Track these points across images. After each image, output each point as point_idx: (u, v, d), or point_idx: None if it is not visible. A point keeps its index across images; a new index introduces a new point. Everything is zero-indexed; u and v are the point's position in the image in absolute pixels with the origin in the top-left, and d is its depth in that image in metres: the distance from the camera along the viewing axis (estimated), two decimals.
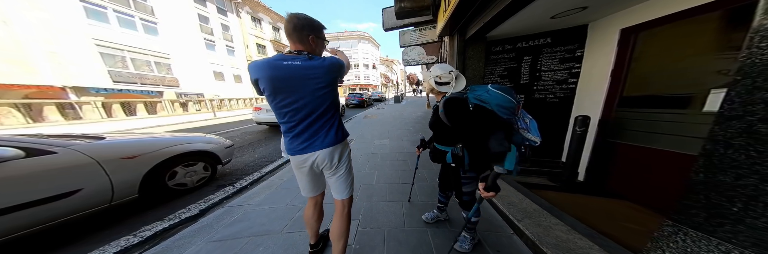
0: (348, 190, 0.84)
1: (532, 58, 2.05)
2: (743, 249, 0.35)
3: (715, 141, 0.38)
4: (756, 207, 0.34)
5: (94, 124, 6.10)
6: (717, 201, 0.38)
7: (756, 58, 0.35)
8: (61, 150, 1.15)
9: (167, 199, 1.61)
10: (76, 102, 6.81)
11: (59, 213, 1.10)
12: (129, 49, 8.54)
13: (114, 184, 1.27)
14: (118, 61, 8.33)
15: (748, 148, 0.35)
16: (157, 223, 1.26)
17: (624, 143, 1.48)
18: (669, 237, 0.45)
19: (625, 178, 1.47)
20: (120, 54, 8.36)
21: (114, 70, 8.15)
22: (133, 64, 8.78)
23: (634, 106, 1.44)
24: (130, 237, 1.13)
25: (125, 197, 1.35)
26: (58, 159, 1.12)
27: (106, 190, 1.25)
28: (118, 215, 1.39)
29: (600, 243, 0.88)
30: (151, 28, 9.33)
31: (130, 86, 8.72)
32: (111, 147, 1.37)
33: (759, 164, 0.34)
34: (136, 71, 8.84)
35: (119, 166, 1.31)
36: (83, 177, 1.17)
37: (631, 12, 1.40)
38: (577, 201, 1.43)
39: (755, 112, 0.35)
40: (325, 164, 0.76)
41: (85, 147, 1.24)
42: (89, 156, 1.21)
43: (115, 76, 8.18)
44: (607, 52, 1.58)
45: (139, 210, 1.46)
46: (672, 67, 1.25)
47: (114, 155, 1.31)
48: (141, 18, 8.94)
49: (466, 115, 0.71)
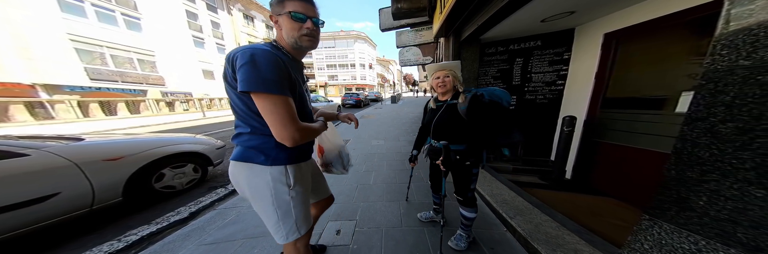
0: (279, 232, 0.55)
1: (523, 60, 2.12)
2: (709, 240, 0.38)
3: (684, 141, 0.42)
4: (718, 201, 0.38)
5: (69, 125, 5.72)
6: (686, 195, 0.42)
7: (718, 64, 0.38)
8: (34, 153, 1.08)
9: (155, 202, 1.55)
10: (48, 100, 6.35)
11: (35, 218, 1.04)
12: (109, 46, 8.05)
13: (95, 187, 1.20)
14: (96, 57, 7.82)
15: (711, 147, 0.39)
16: (144, 227, 1.21)
17: (607, 142, 1.57)
18: (646, 230, 0.48)
19: (609, 176, 1.56)
20: (98, 50, 7.86)
21: (91, 67, 7.65)
22: (114, 60, 8.28)
23: (616, 107, 1.53)
24: (114, 242, 1.08)
25: (108, 201, 1.28)
26: (31, 162, 1.05)
27: (86, 194, 1.19)
28: (102, 219, 1.32)
29: (586, 238, 0.93)
30: (133, 23, 8.84)
31: (110, 84, 8.22)
32: (91, 149, 1.30)
33: (720, 161, 0.38)
34: (116, 68, 8.34)
35: (100, 169, 1.24)
36: (60, 181, 1.11)
37: (614, 17, 1.48)
38: (565, 199, 1.49)
39: (717, 114, 0.38)
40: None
41: (61, 149, 1.17)
42: (66, 158, 1.14)
43: (93, 74, 7.69)
44: (591, 55, 1.67)
45: (124, 214, 1.40)
46: (649, 71, 1.33)
47: (94, 157, 1.25)
48: (122, 13, 8.45)
49: (497, 111, 0.81)
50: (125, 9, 8.52)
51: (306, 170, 0.61)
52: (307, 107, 0.58)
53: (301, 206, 0.56)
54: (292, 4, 0.46)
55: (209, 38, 12.52)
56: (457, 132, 0.85)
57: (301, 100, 0.54)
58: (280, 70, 0.44)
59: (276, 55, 0.44)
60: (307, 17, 0.48)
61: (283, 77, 0.44)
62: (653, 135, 1.28)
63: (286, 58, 0.50)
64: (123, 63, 8.57)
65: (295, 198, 0.55)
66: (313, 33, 0.50)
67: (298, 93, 0.52)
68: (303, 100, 0.55)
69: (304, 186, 0.58)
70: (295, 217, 0.55)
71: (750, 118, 0.35)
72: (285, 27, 0.48)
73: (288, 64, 0.48)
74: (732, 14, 0.37)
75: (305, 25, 0.48)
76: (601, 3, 1.34)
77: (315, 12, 0.50)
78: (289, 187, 0.54)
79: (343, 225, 1.18)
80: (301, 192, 0.57)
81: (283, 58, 0.47)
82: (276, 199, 0.53)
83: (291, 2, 0.46)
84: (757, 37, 0.35)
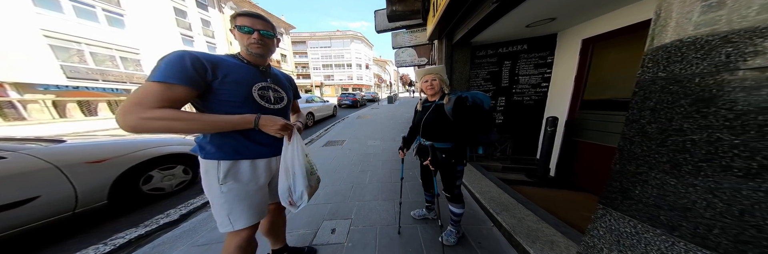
0: (217, 221, 0.60)
1: (511, 63, 2.23)
2: (643, 223, 0.46)
3: (625, 139, 0.50)
4: (647, 189, 0.45)
5: (44, 126, 5.37)
6: (626, 186, 0.49)
7: (645, 75, 0.46)
8: (11, 155, 1.05)
9: (143, 205, 1.52)
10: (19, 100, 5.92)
11: (13, 222, 1.00)
12: (88, 42, 7.58)
13: (78, 191, 1.17)
14: (73, 54, 7.35)
15: (641, 144, 0.46)
16: (131, 230, 1.19)
17: (584, 141, 1.69)
18: (601, 218, 0.56)
19: (586, 173, 1.68)
20: (76, 47, 7.38)
21: (68, 65, 7.16)
22: (94, 58, 7.80)
23: (591, 108, 1.65)
24: (100, 245, 1.06)
25: (92, 204, 1.25)
26: (9, 165, 1.02)
27: (69, 197, 1.15)
28: (86, 223, 1.29)
29: (562, 230, 1.01)
30: (116, 20, 8.40)
31: (90, 83, 7.76)
32: (73, 151, 1.26)
33: (648, 156, 0.45)
34: (96, 67, 7.87)
35: (84, 171, 1.21)
36: (39, 184, 1.07)
37: (591, 24, 1.60)
38: (547, 195, 1.59)
39: (645, 117, 0.46)
40: None
41: (40, 151, 1.13)
42: (46, 160, 1.10)
43: (70, 72, 7.20)
44: (571, 59, 1.79)
45: (110, 217, 1.36)
46: (620, 75, 1.46)
47: (77, 159, 1.21)
48: (104, 9, 8.01)
49: (479, 112, 0.88)
50: (106, 4, 8.10)
51: (253, 168, 0.61)
52: (251, 109, 0.59)
53: (236, 202, 0.59)
54: (240, 19, 0.57)
55: (199, 36, 12.10)
56: (443, 131, 0.91)
57: (243, 100, 0.58)
58: (179, 65, 0.48)
59: (188, 54, 0.50)
60: (254, 30, 0.58)
61: (178, 70, 0.48)
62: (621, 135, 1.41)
63: (235, 61, 0.59)
64: (104, 61, 8.12)
65: (227, 193, 0.58)
66: (259, 42, 0.59)
67: (243, 93, 0.58)
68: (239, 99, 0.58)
69: (241, 183, 0.59)
70: (227, 211, 0.59)
71: (665, 120, 0.43)
72: (237, 38, 0.59)
73: (229, 65, 0.56)
74: (656, 33, 0.45)
75: (252, 36, 0.58)
76: (579, 10, 1.45)
77: (263, 25, 0.59)
78: (218, 182, 0.58)
79: (338, 224, 1.21)
80: (236, 188, 0.59)
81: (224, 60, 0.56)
82: (209, 192, 0.59)
83: (240, 18, 0.57)
84: (670, 53, 0.42)
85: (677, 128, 0.41)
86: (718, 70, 0.36)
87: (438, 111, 0.91)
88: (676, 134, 0.41)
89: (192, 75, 0.49)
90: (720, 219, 0.36)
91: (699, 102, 0.38)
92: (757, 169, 0.33)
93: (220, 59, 0.56)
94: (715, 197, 0.36)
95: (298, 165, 0.64)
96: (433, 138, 0.94)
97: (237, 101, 0.57)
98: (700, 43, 0.38)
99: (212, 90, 0.54)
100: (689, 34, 0.40)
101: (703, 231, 0.38)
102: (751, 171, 0.33)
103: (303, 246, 1.01)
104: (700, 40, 0.38)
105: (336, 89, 28.40)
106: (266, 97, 0.63)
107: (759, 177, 0.32)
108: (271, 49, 0.63)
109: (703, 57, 0.38)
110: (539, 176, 1.95)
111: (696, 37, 0.39)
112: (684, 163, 0.40)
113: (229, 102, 0.56)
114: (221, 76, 0.54)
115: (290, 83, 0.78)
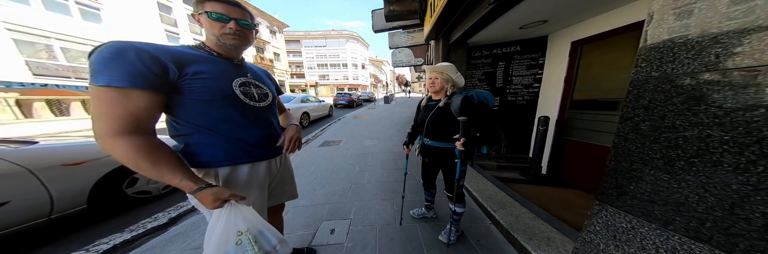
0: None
1: (505, 64, 2.29)
2: (638, 218, 0.48)
3: (619, 136, 0.52)
4: (641, 185, 0.47)
5: (6, 126, 4.95)
6: (621, 182, 0.51)
7: (639, 74, 0.48)
8: None
9: (128, 209, 1.43)
10: None
11: None
12: (59, 37, 6.96)
13: (53, 195, 1.09)
14: (40, 49, 6.71)
15: (635, 141, 0.48)
16: (116, 235, 1.12)
17: (573, 140, 1.75)
18: (597, 214, 0.58)
19: (575, 170, 1.74)
20: (44, 42, 6.76)
21: (35, 61, 6.55)
22: (65, 54, 7.18)
23: (580, 108, 1.72)
24: (82, 251, 0.99)
25: (70, 209, 1.17)
26: None
27: (43, 202, 1.07)
28: (66, 229, 1.20)
29: (558, 227, 1.04)
30: (91, 13, 7.83)
31: (61, 81, 7.14)
32: (46, 153, 1.18)
33: (641, 153, 0.47)
34: (68, 63, 7.23)
35: (59, 174, 1.13)
36: (10, 188, 0.99)
37: (579, 27, 1.67)
38: (541, 192, 1.64)
39: (639, 114, 0.48)
40: None
41: (9, 154, 1.05)
42: (16, 163, 1.02)
43: (37, 68, 6.56)
44: (561, 60, 1.85)
45: (93, 222, 1.28)
46: (605, 76, 1.52)
47: (51, 162, 1.13)
48: (77, 2, 7.42)
49: (485, 111, 0.87)
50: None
51: (253, 171, 0.57)
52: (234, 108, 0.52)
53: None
54: (210, 5, 0.47)
55: (185, 33, 11.59)
56: (447, 130, 0.89)
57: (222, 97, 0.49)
58: (120, 61, 0.38)
59: (129, 46, 0.39)
60: (231, 18, 0.49)
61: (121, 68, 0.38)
62: (609, 133, 1.47)
63: (200, 54, 0.49)
64: (78, 57, 7.53)
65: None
66: (237, 33, 0.50)
67: (222, 90, 0.49)
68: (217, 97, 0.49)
69: (242, 189, 0.54)
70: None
71: (658, 117, 0.44)
72: (205, 25, 0.49)
73: (195, 58, 0.47)
74: (649, 34, 0.47)
75: (228, 25, 0.49)
76: (568, 13, 1.51)
77: (240, 14, 0.50)
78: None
79: (338, 224, 1.20)
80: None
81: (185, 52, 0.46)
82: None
83: (209, 3, 0.47)
84: (662, 54, 0.44)
85: (670, 125, 0.42)
86: (708, 69, 0.38)
87: (443, 110, 0.89)
88: (668, 131, 0.42)
89: (144, 73, 0.39)
90: (712, 212, 0.37)
91: (690, 100, 0.40)
92: (745, 164, 0.34)
93: (180, 51, 0.45)
94: (706, 191, 0.38)
95: (216, 246, 0.45)
96: (436, 138, 0.93)
97: (214, 100, 0.48)
98: (691, 44, 0.40)
99: (179, 90, 0.44)
100: (680, 35, 0.41)
101: (696, 224, 0.39)
102: (740, 165, 0.35)
103: (302, 247, 0.99)
104: (691, 41, 0.40)
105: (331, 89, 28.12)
106: (250, 94, 0.54)
107: (747, 172, 0.34)
108: (250, 41, 0.54)
109: (693, 57, 0.40)
110: (532, 174, 2.00)
111: (687, 38, 0.41)
112: (676, 159, 0.41)
113: (205, 102, 0.47)
114: (190, 73, 0.44)
115: (269, 78, 0.69)
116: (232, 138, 0.53)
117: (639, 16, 1.19)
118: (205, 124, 0.49)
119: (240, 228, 0.47)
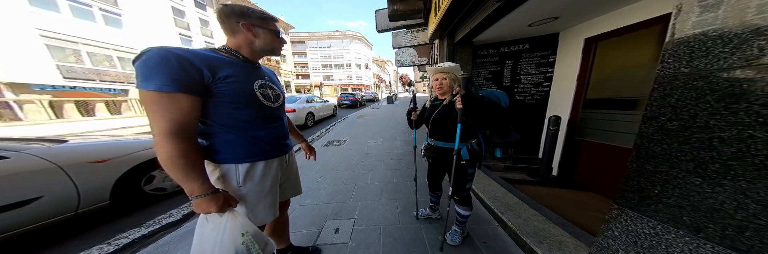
0: None
1: (513, 63, 2.22)
2: (663, 224, 0.44)
3: (642, 137, 0.48)
4: (668, 189, 0.44)
5: (41, 126, 5.32)
6: (644, 185, 0.48)
7: (666, 71, 0.45)
8: (14, 155, 1.03)
9: (145, 205, 1.49)
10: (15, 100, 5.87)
11: (15, 222, 0.99)
12: (85, 42, 7.51)
13: (80, 191, 1.16)
14: (70, 54, 7.27)
15: (661, 142, 0.45)
16: (134, 230, 1.17)
17: (587, 140, 1.68)
18: (616, 218, 0.54)
19: (589, 172, 1.67)
20: (73, 47, 7.32)
21: (65, 65, 7.09)
22: (91, 58, 7.74)
23: (595, 107, 1.64)
24: (104, 245, 1.04)
25: (94, 204, 1.23)
26: (12, 165, 1.00)
27: (71, 197, 1.14)
28: (89, 223, 1.26)
29: (570, 230, 1.00)
30: (113, 19, 8.33)
31: (87, 83, 7.68)
32: (76, 151, 1.25)
33: (668, 154, 0.44)
34: (93, 67, 7.79)
35: (86, 171, 1.20)
36: (43, 184, 1.06)
37: (594, 23, 1.59)
38: (551, 194, 1.58)
39: (665, 114, 0.44)
40: None
41: (43, 151, 1.12)
42: (49, 160, 1.09)
43: (67, 72, 7.13)
44: (573, 58, 1.78)
45: (112, 217, 1.34)
46: (623, 74, 1.45)
47: (79, 159, 1.20)
48: (101, 8, 7.93)
49: (496, 110, 0.83)
50: (103, 4, 8.02)
51: (268, 167, 0.61)
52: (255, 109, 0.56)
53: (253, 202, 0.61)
54: (273, 25, 0.59)
55: (197, 36, 12.03)
56: (452, 129, 0.86)
57: (246, 100, 0.54)
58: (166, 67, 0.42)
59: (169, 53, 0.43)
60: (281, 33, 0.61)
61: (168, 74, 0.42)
62: (626, 134, 1.39)
63: (226, 58, 0.53)
64: (101, 60, 8.04)
65: (247, 195, 0.58)
66: (283, 45, 0.63)
67: (246, 93, 0.54)
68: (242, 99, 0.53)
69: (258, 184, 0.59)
70: (245, 212, 0.59)
71: (688, 117, 0.41)
72: (262, 37, 0.57)
73: (223, 62, 0.50)
74: (676, 27, 0.43)
75: (281, 40, 0.61)
76: (582, 10, 1.44)
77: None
78: (238, 185, 0.58)
79: (342, 223, 1.20)
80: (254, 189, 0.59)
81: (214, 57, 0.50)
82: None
83: (273, 23, 0.58)
84: (693, 48, 0.41)
85: (703, 125, 0.39)
86: (750, 64, 0.34)
87: (448, 108, 0.87)
88: (701, 131, 0.39)
89: (186, 78, 0.43)
90: (753, 220, 0.34)
91: (727, 97, 0.36)
92: None
93: (210, 56, 0.48)
94: (746, 197, 0.35)
95: (219, 250, 0.47)
96: (441, 138, 0.91)
97: (240, 102, 0.53)
98: (728, 37, 0.37)
99: (212, 93, 0.48)
100: (714, 28, 0.38)
101: (733, 233, 0.36)
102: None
103: (307, 246, 1.00)
104: (728, 34, 0.37)
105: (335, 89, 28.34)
106: (267, 95, 0.59)
107: None
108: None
109: (731, 51, 0.36)
110: (542, 175, 1.94)
111: (723, 31, 0.37)
112: (710, 162, 0.38)
113: (232, 103, 0.51)
114: (222, 76, 0.48)
115: (277, 79, 0.75)
116: (252, 136, 0.57)
117: (661, 9, 1.12)
118: (230, 123, 0.53)
119: (242, 230, 0.51)
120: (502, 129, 0.86)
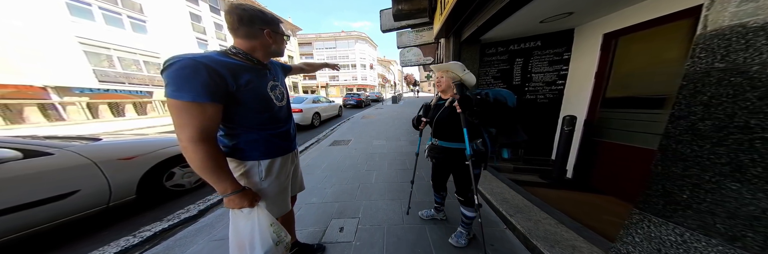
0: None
1: (523, 61, 2.13)
2: (693, 231, 0.41)
3: (669, 138, 0.44)
4: (698, 194, 0.40)
5: (80, 126, 5.85)
6: (671, 189, 0.44)
7: (697, 66, 0.41)
8: (58, 152, 1.14)
9: (165, 200, 1.59)
10: (60, 102, 6.51)
11: (57, 214, 1.09)
12: (116, 48, 8.19)
13: (112, 185, 1.26)
14: (104, 59, 7.97)
15: (691, 143, 0.41)
16: (157, 224, 1.25)
17: (606, 141, 1.58)
18: (637, 224, 0.51)
19: (608, 174, 1.56)
20: (106, 53, 8.01)
21: (100, 70, 7.79)
22: (121, 63, 8.43)
23: (615, 106, 1.54)
24: (130, 237, 1.13)
25: (123, 198, 1.33)
26: (56, 161, 1.11)
27: (104, 191, 1.24)
28: (116, 216, 1.37)
29: (584, 235, 0.95)
30: (139, 26, 8.99)
31: (118, 86, 8.37)
32: (108, 149, 1.36)
33: (699, 156, 0.40)
34: (123, 70, 8.48)
35: (117, 167, 1.30)
36: (81, 179, 1.16)
37: (613, 18, 1.49)
38: (564, 197, 1.51)
39: (696, 113, 0.41)
40: None
41: (81, 149, 1.23)
42: (86, 157, 1.20)
43: (101, 76, 7.83)
44: (591, 55, 1.68)
45: (136, 211, 1.44)
46: (648, 70, 1.34)
47: (111, 156, 1.30)
48: (129, 16, 8.61)
49: (502, 110, 0.81)
50: (131, 12, 8.68)
51: (284, 163, 0.66)
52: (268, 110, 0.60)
53: (272, 195, 0.65)
54: (283, 28, 0.62)
55: (213, 40, 12.70)
56: (456, 130, 0.86)
57: (262, 103, 0.58)
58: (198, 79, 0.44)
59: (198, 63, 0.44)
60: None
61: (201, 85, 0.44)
62: (650, 134, 1.29)
63: (240, 63, 0.54)
64: (130, 65, 8.73)
65: (267, 188, 0.63)
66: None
67: (261, 96, 0.57)
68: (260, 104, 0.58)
69: (277, 178, 0.64)
70: (265, 205, 0.64)
71: (724, 116, 0.37)
72: (278, 42, 0.61)
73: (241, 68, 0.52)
74: (709, 19, 0.39)
75: (288, 41, 0.65)
76: (599, 4, 1.36)
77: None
78: (260, 180, 0.63)
79: (346, 222, 1.21)
80: (274, 183, 0.64)
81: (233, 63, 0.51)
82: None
83: (283, 26, 0.62)
84: (729, 41, 0.37)
85: (742, 125, 0.35)
86: None
87: (451, 109, 0.86)
88: (739, 132, 0.35)
89: (215, 89, 0.45)
90: None
91: None
92: None
93: (230, 63, 0.50)
94: None
95: (260, 240, 0.55)
96: (445, 138, 0.90)
97: (259, 105, 0.57)
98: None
99: (239, 100, 0.51)
100: (756, 19, 0.34)
101: None
102: None
103: (313, 244, 1.02)
104: None
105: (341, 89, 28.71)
106: (277, 96, 0.64)
107: None
108: None
109: None
110: (555, 177, 1.84)
111: (766, 21, 0.33)
112: (751, 165, 0.34)
113: (253, 108, 0.55)
114: (243, 83, 0.51)
115: (282, 68, 0.78)
116: (270, 135, 0.62)
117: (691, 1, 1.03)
118: (252, 124, 0.58)
119: (270, 221, 0.58)
120: (508, 128, 0.84)
